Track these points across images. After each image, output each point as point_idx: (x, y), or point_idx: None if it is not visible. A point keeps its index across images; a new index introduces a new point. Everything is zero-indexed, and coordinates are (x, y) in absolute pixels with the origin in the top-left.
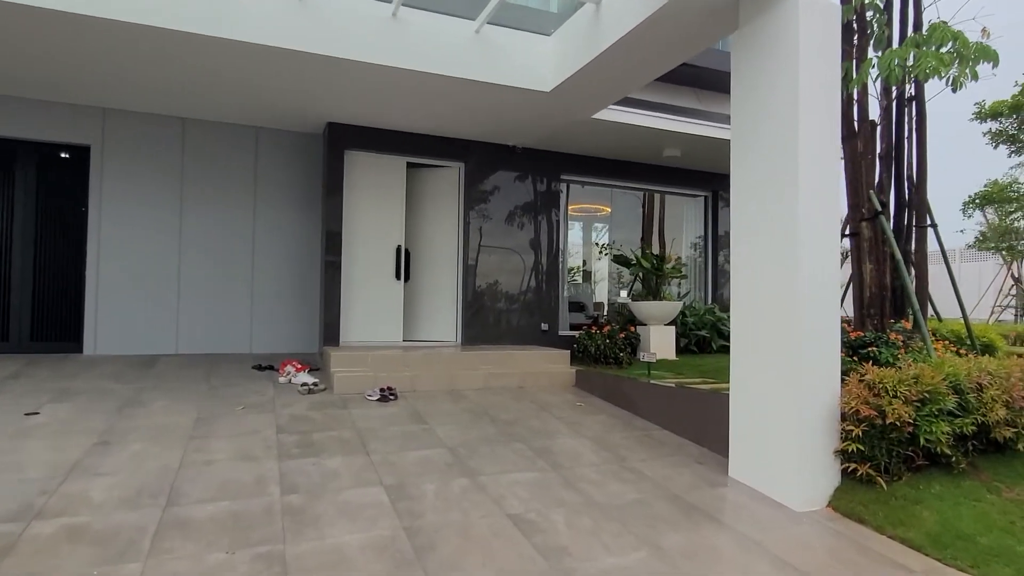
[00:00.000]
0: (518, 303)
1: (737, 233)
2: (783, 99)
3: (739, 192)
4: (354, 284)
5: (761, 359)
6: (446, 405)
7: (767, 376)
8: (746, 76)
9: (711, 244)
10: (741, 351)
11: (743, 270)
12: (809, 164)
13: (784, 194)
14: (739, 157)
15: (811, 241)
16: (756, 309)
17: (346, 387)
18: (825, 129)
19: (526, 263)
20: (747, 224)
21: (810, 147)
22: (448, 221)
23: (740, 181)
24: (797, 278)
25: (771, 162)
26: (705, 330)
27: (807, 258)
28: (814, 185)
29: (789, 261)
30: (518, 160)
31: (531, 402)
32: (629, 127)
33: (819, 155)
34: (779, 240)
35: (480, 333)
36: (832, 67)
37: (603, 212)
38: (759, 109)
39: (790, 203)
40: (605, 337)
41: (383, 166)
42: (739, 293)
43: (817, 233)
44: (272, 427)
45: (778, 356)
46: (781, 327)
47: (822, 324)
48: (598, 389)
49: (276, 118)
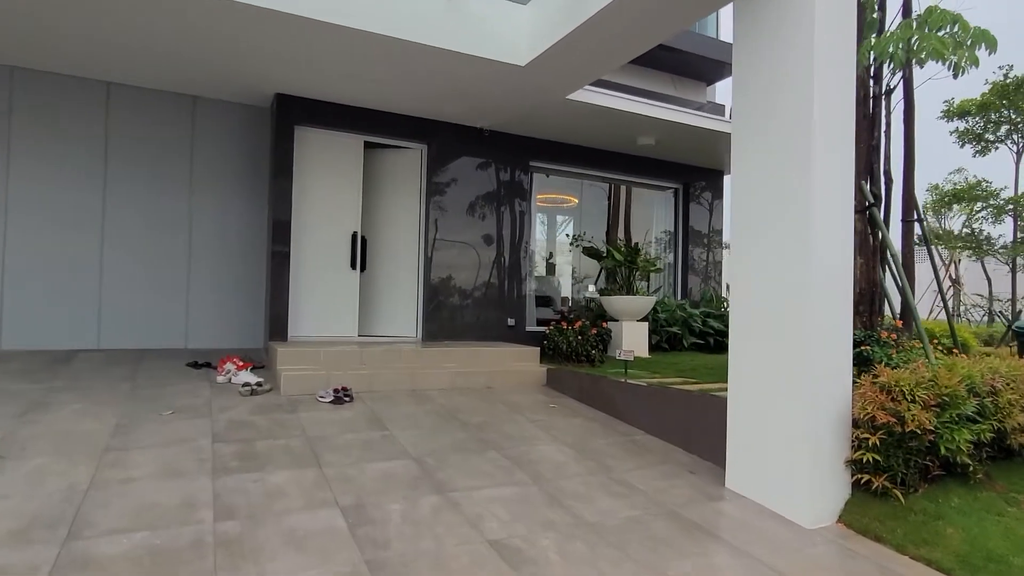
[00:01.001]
0: (483, 296)
1: (739, 222)
2: (795, 75)
3: (742, 177)
4: (305, 273)
5: (765, 359)
6: (408, 407)
7: (772, 378)
8: (751, 50)
9: (681, 238)
10: (741, 351)
11: (745, 263)
12: (824, 148)
13: (796, 179)
14: (743, 140)
15: (825, 230)
16: (760, 305)
17: (295, 387)
18: (841, 110)
19: (491, 254)
20: (752, 211)
21: (826, 128)
22: (409, 207)
23: (743, 164)
24: (809, 271)
25: (781, 146)
26: (676, 327)
27: (821, 249)
28: (829, 170)
29: (800, 252)
30: (486, 144)
31: (502, 403)
32: (604, 110)
33: (834, 139)
34: (790, 229)
35: (442, 328)
36: (848, 42)
37: (570, 203)
38: (768, 85)
39: (803, 189)
40: (577, 333)
41: (338, 145)
42: (740, 288)
43: (832, 221)
44: (207, 435)
45: (786, 356)
46: (790, 325)
47: (834, 321)
48: (571, 389)
49: (217, 86)
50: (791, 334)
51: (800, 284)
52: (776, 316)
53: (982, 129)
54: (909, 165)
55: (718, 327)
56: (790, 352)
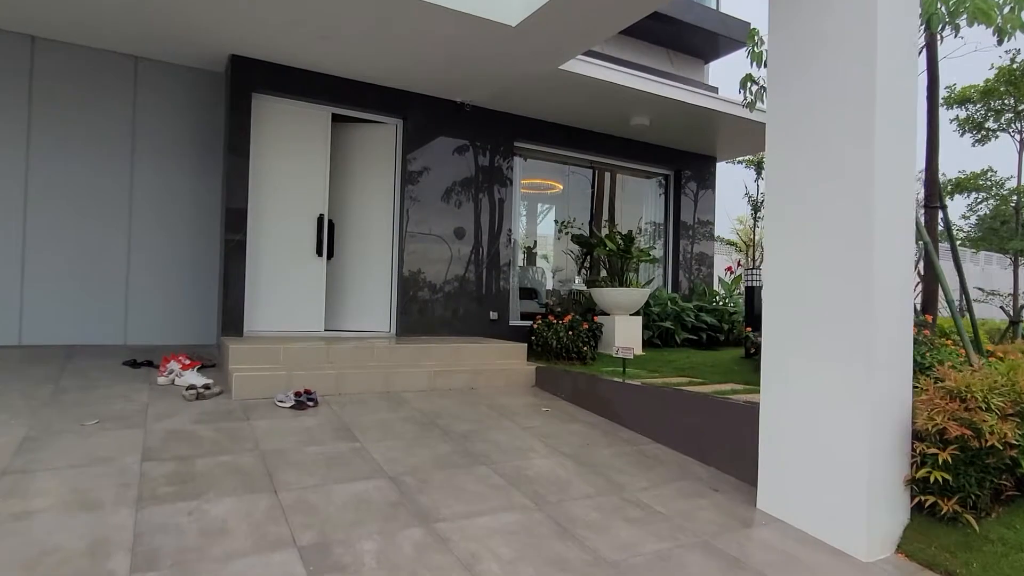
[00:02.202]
0: (463, 288)
1: (780, 199)
2: (854, 41)
3: (784, 149)
4: (264, 259)
5: (813, 361)
6: (382, 413)
7: (821, 382)
8: (796, 12)
9: (672, 228)
10: (779, 352)
11: (786, 248)
12: (886, 123)
13: (858, 141)
14: (782, 97)
15: (888, 212)
16: (807, 296)
17: (249, 390)
18: (907, 77)
19: (472, 242)
20: (796, 186)
21: (889, 97)
22: (382, 189)
23: (782, 132)
24: (873, 256)
25: (837, 100)
26: (669, 321)
27: (883, 232)
28: (893, 135)
29: (862, 232)
30: (467, 120)
31: (488, 407)
32: (599, 84)
33: (898, 110)
34: (849, 205)
35: (419, 323)
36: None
37: (555, 190)
38: (817, 48)
39: (864, 156)
40: (567, 328)
41: (302, 117)
42: (780, 277)
43: (894, 201)
44: (136, 451)
45: (841, 357)
46: (848, 321)
47: (897, 315)
48: (564, 390)
49: (162, 45)
50: (849, 332)
51: (863, 271)
52: (829, 311)
53: (983, 117)
54: (933, 146)
55: (711, 321)
56: (847, 351)
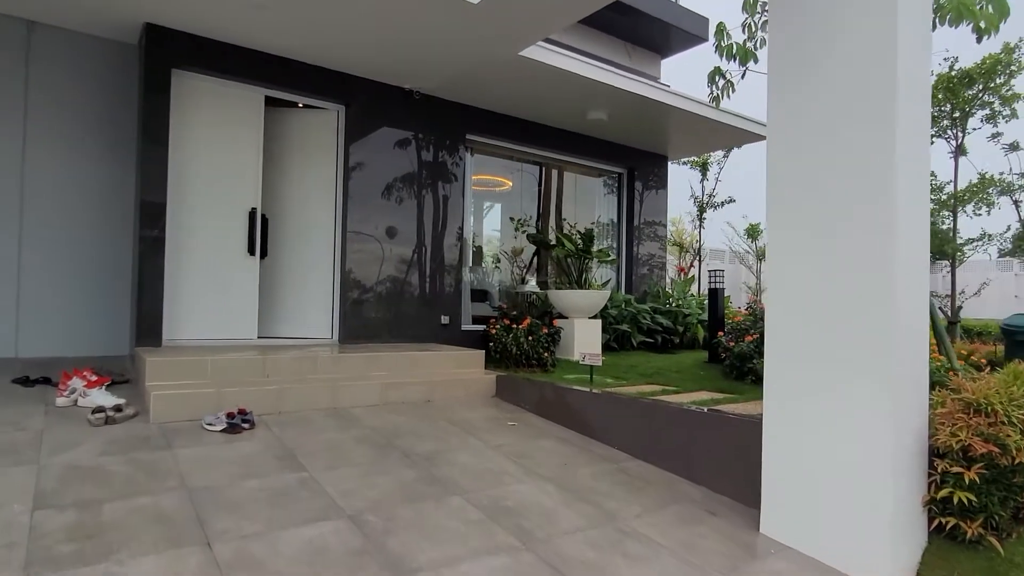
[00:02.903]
0: (413, 290)
1: (786, 204)
2: (871, 26)
3: (790, 149)
4: (187, 258)
5: (827, 373)
6: (331, 433)
7: (836, 397)
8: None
9: (626, 228)
10: (787, 363)
11: (795, 255)
12: (907, 99)
13: (879, 136)
14: (787, 85)
15: (909, 204)
16: (819, 304)
17: (171, 411)
18: (921, 64)
19: (422, 240)
20: (806, 188)
21: (909, 71)
22: (323, 181)
23: (787, 131)
24: (895, 261)
25: (855, 92)
26: (625, 324)
27: (906, 224)
28: (912, 127)
29: (884, 235)
30: (416, 109)
31: (449, 423)
32: (558, 74)
33: (917, 88)
34: (869, 207)
35: (364, 328)
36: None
37: (504, 187)
38: (830, 32)
39: (886, 153)
40: (527, 333)
41: (232, 99)
42: (787, 285)
43: (915, 193)
44: (25, 496)
45: (860, 369)
46: (867, 329)
47: (915, 319)
48: (528, 401)
49: (62, 7)
50: (869, 341)
51: (882, 279)
52: (845, 320)
53: (936, 112)
54: None
55: (666, 324)
56: (867, 362)
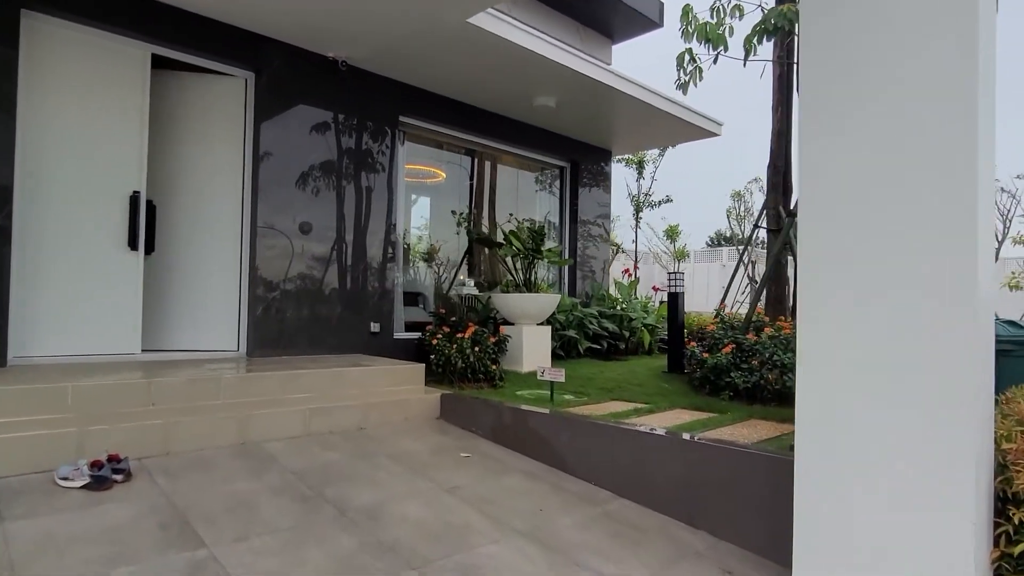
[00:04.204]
0: (337, 293)
1: (827, 198)
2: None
3: (835, 133)
4: (45, 253)
5: (884, 402)
6: (240, 482)
7: (896, 432)
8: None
9: (569, 225)
10: (829, 390)
11: (838, 259)
12: (986, 78)
13: (957, 116)
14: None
15: (986, 197)
16: (875, 319)
17: (7, 462)
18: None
19: (349, 237)
20: (855, 180)
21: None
22: (226, 163)
23: (832, 108)
24: (977, 263)
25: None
26: (572, 330)
27: (985, 221)
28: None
29: (963, 234)
30: (342, 83)
31: (390, 458)
32: (509, 49)
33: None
34: (943, 201)
35: (280, 337)
36: None
37: (437, 178)
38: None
39: (968, 136)
40: (472, 343)
41: (107, 55)
42: (828, 295)
43: (989, 184)
44: None
45: (932, 398)
46: (943, 349)
47: (987, 340)
48: (481, 425)
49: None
50: (946, 365)
51: (963, 286)
52: (911, 339)
53: None
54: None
55: (612, 329)
56: (942, 391)
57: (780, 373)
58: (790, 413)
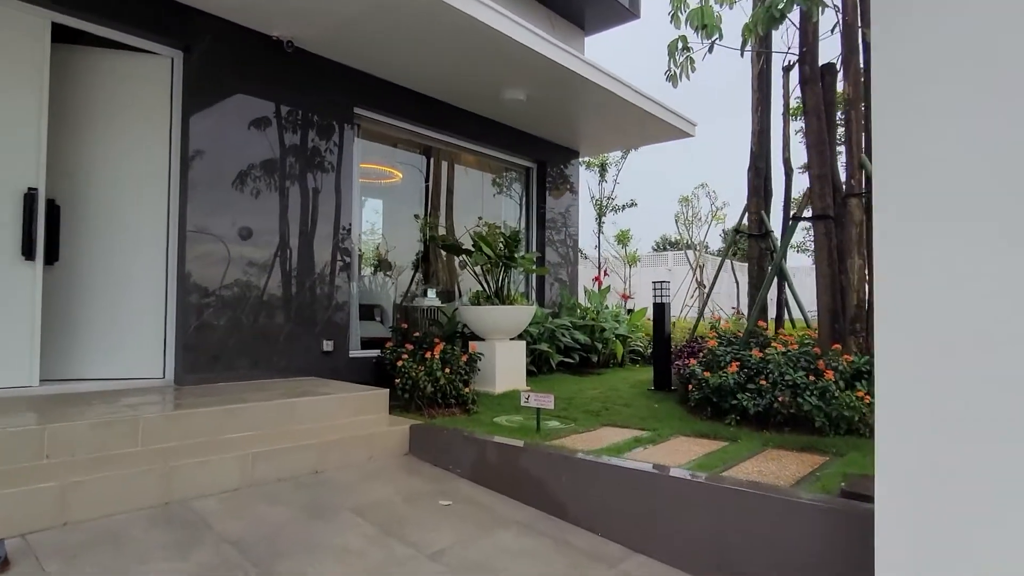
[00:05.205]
0: (285, 309)
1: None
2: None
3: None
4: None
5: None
6: (158, 563)
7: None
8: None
9: (537, 230)
10: (938, 430)
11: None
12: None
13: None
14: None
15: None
16: (1005, 335)
17: None
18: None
19: (298, 244)
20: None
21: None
22: (149, 155)
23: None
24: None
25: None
26: (545, 343)
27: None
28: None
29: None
30: (288, 67)
31: (356, 513)
32: (481, 33)
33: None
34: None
35: (216, 361)
36: None
37: (394, 179)
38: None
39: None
40: (442, 363)
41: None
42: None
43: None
44: None
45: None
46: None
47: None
48: (459, 462)
49: None
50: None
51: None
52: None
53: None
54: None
55: (584, 340)
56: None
57: (793, 395)
58: (808, 441)
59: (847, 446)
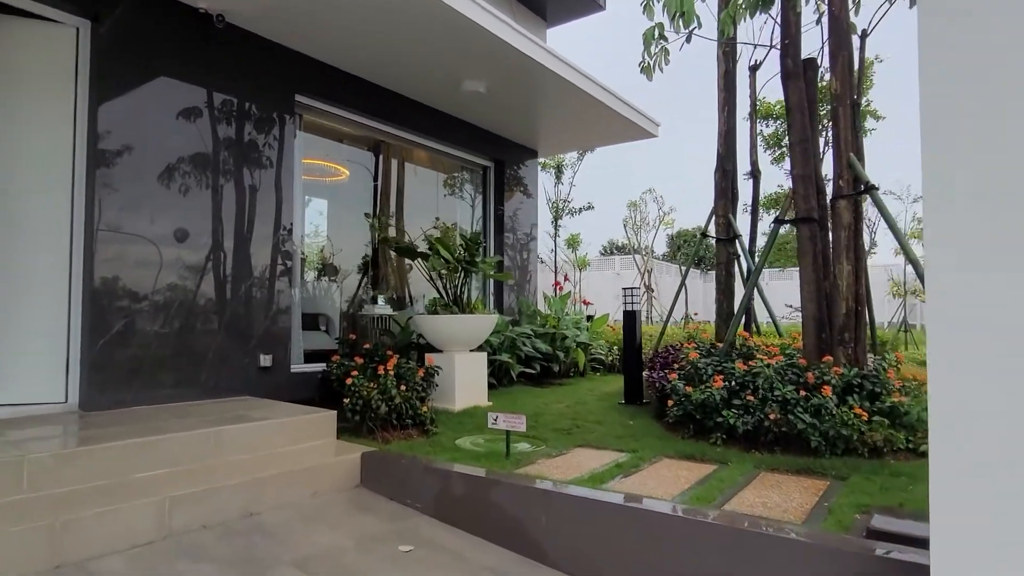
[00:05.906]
0: (215, 319)
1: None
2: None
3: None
4: None
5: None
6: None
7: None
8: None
9: (495, 232)
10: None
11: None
12: None
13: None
14: None
15: None
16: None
17: None
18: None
19: (228, 243)
20: None
21: None
22: (50, 146)
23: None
24: None
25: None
26: (505, 353)
27: None
28: None
29: None
30: (221, 47)
31: (296, 567)
32: (435, 10)
33: None
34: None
35: (131, 380)
36: None
37: (340, 176)
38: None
39: None
40: (397, 380)
41: None
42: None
43: None
44: None
45: None
46: None
47: None
48: (419, 495)
49: None
50: None
51: None
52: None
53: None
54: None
55: (545, 350)
56: None
57: (783, 411)
58: (803, 463)
59: (846, 468)
